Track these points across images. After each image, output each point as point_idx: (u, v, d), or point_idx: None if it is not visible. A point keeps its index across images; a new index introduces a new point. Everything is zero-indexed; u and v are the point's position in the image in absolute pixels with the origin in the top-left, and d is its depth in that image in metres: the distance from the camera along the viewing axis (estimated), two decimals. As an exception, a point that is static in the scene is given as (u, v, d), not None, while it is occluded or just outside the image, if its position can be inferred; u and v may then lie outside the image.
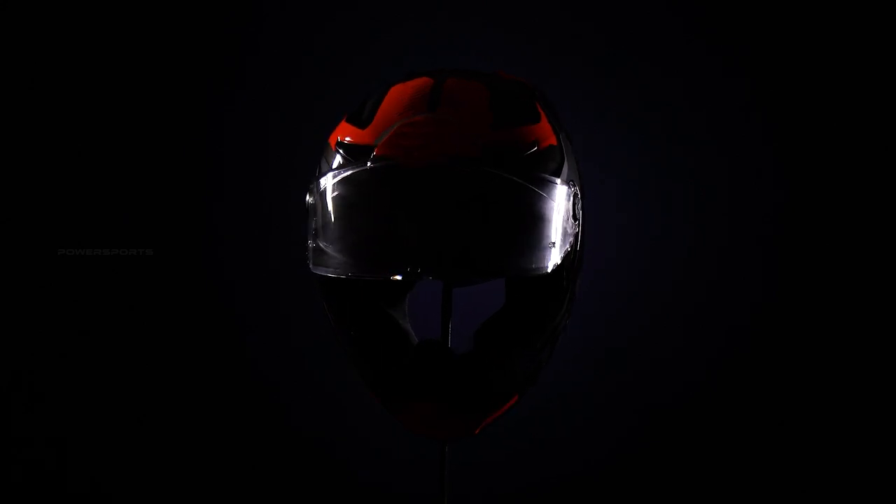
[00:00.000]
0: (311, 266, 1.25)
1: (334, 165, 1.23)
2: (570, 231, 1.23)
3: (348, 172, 1.20)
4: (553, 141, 1.24)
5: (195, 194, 2.00)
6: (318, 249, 1.23)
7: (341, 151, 1.23)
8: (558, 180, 1.21)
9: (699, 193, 1.97)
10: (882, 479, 1.94)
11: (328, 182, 1.22)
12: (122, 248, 1.97)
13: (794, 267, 1.96)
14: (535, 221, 1.19)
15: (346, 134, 1.24)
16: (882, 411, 1.94)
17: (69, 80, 1.97)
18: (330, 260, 1.22)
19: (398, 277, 1.18)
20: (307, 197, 1.25)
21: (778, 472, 1.96)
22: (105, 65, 1.97)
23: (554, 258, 1.21)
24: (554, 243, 1.21)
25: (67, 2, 1.97)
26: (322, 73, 1.99)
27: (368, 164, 1.19)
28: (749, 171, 1.97)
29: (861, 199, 1.94)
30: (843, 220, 1.94)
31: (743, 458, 1.97)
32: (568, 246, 1.23)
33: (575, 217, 1.24)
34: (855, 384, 1.95)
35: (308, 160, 1.32)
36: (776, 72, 1.95)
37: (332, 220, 1.22)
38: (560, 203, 1.21)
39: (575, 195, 1.24)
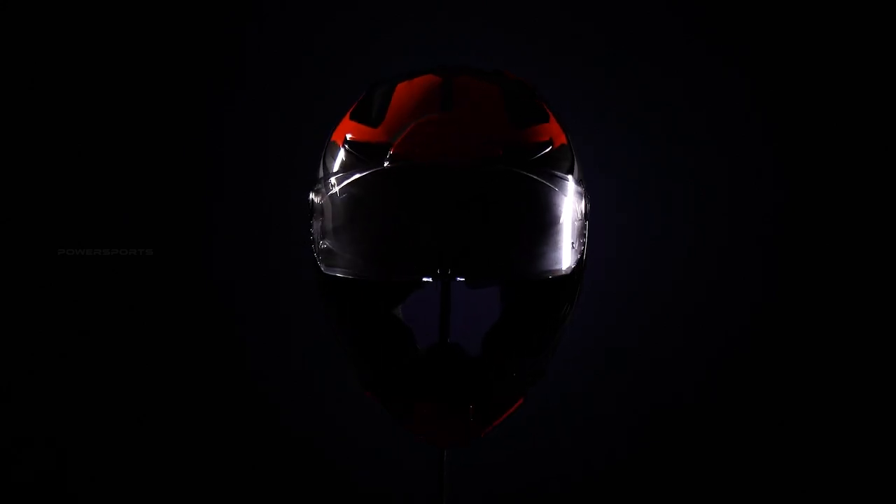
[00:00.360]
0: (322, 268, 1.21)
1: (341, 165, 1.20)
2: (582, 231, 1.23)
3: (365, 172, 1.16)
4: (563, 140, 1.23)
5: (195, 194, 2.00)
6: (329, 251, 1.20)
7: (351, 150, 1.20)
8: (572, 179, 1.21)
9: (699, 193, 1.97)
10: (882, 479, 1.94)
11: (341, 182, 1.18)
12: (122, 248, 1.97)
13: (794, 267, 1.97)
14: (557, 222, 1.19)
15: (354, 132, 1.21)
16: (882, 411, 1.94)
17: (69, 80, 1.96)
18: (347, 262, 1.19)
19: (428, 280, 1.16)
20: (313, 197, 1.22)
21: (778, 472, 1.96)
22: (105, 65, 1.97)
23: (573, 258, 1.21)
24: (573, 244, 1.21)
25: (67, 2, 1.96)
26: (322, 73, 1.99)
27: (386, 163, 1.16)
28: (749, 171, 1.97)
29: (861, 199, 1.94)
30: (842, 220, 1.94)
31: (743, 457, 1.97)
32: (581, 246, 1.23)
33: (586, 217, 1.24)
34: (855, 384, 1.95)
35: (308, 160, 1.31)
36: (776, 72, 1.95)
37: (349, 221, 1.18)
38: (575, 203, 1.21)
39: (584, 195, 1.24)
